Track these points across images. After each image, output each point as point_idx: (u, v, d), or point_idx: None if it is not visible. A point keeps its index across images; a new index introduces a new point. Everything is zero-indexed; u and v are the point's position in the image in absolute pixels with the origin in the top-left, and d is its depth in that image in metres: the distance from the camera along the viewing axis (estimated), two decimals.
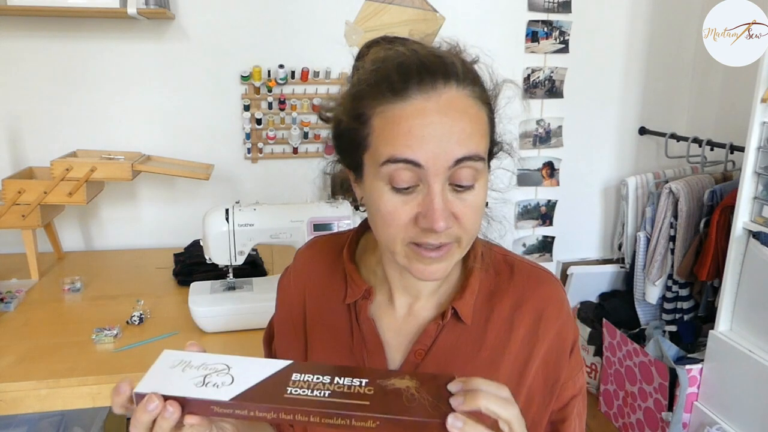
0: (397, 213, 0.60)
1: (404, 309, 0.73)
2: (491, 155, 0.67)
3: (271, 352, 0.85)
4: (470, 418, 0.51)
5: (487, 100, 0.63)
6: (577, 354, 0.73)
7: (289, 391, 0.52)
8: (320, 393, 0.52)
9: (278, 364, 0.55)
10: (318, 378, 0.53)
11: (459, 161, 0.58)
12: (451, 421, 0.51)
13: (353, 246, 0.77)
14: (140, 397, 0.53)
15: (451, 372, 0.58)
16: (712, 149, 2.12)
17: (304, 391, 0.52)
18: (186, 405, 0.52)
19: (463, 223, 0.60)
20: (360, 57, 0.71)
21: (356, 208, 0.75)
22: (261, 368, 0.54)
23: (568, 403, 0.71)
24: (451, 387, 0.54)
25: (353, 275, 0.73)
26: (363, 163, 0.63)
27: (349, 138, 0.64)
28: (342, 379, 0.53)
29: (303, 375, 0.54)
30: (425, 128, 0.57)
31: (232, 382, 0.52)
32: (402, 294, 0.73)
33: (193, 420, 0.53)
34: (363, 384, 0.53)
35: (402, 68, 0.59)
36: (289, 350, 0.79)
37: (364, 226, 0.78)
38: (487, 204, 0.72)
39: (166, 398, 0.52)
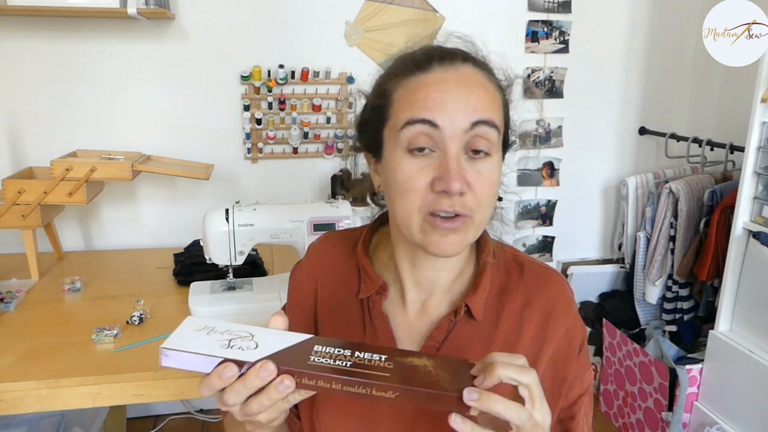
0: (414, 178, 0.62)
1: (417, 305, 0.74)
2: (506, 144, 0.71)
3: None
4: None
5: (501, 86, 0.68)
6: (584, 353, 0.74)
7: (311, 359, 0.54)
8: (342, 363, 0.53)
9: (300, 337, 0.57)
10: (339, 351, 0.55)
11: (475, 124, 0.61)
12: (467, 394, 0.52)
13: (367, 241, 0.78)
14: (170, 353, 0.53)
15: (465, 357, 0.60)
16: (712, 149, 2.12)
17: (326, 360, 0.54)
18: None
19: (477, 193, 0.62)
20: None
21: (373, 201, 0.78)
22: (283, 338, 0.57)
23: (576, 401, 0.72)
24: (474, 371, 0.55)
25: (368, 270, 0.74)
26: (383, 140, 0.67)
27: (372, 117, 0.68)
28: (362, 353, 0.55)
29: (324, 347, 0.56)
30: (444, 93, 0.61)
31: (256, 347, 0.54)
32: (414, 290, 0.73)
33: (291, 383, 0.52)
34: (383, 359, 0.55)
35: (426, 49, 0.66)
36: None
37: (378, 223, 0.80)
38: (500, 198, 0.73)
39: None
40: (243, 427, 0.64)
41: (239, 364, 0.52)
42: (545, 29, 2.20)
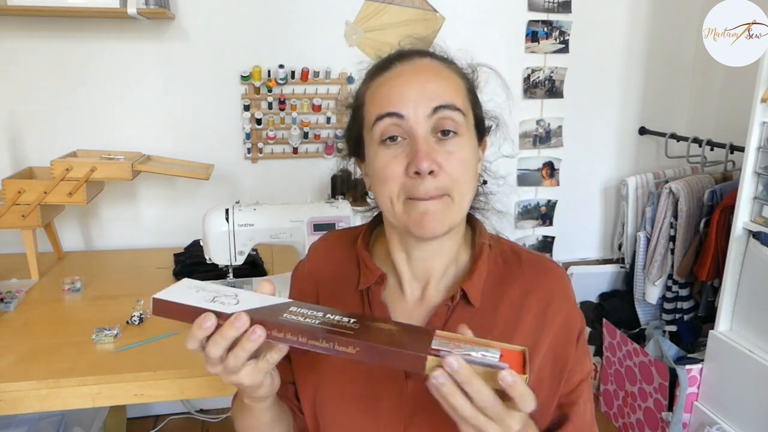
0: (390, 166, 0.67)
1: (415, 295, 0.76)
2: (482, 129, 0.75)
3: None
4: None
5: (463, 74, 0.73)
6: (583, 341, 0.76)
7: (284, 316, 0.58)
8: (311, 321, 0.58)
9: (280, 299, 0.63)
10: (312, 312, 0.60)
11: (436, 109, 0.66)
12: (454, 361, 0.52)
13: (367, 236, 0.81)
14: (159, 302, 0.60)
15: (432, 327, 0.65)
16: (712, 149, 2.12)
17: (297, 318, 0.58)
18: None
19: (449, 172, 0.66)
20: None
21: (365, 199, 0.81)
22: (264, 299, 0.62)
23: (577, 387, 0.74)
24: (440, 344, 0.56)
25: (367, 262, 0.77)
26: (363, 140, 0.72)
27: (352, 122, 0.75)
28: (333, 316, 0.60)
29: (300, 308, 0.61)
30: (403, 86, 0.67)
31: (237, 303, 0.60)
32: (411, 280, 0.76)
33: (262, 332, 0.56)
34: (351, 321, 0.59)
35: (390, 53, 0.73)
36: None
37: (376, 221, 0.83)
38: (485, 182, 0.78)
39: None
40: (249, 411, 0.71)
41: (218, 315, 0.57)
42: (545, 29, 2.20)
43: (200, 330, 0.56)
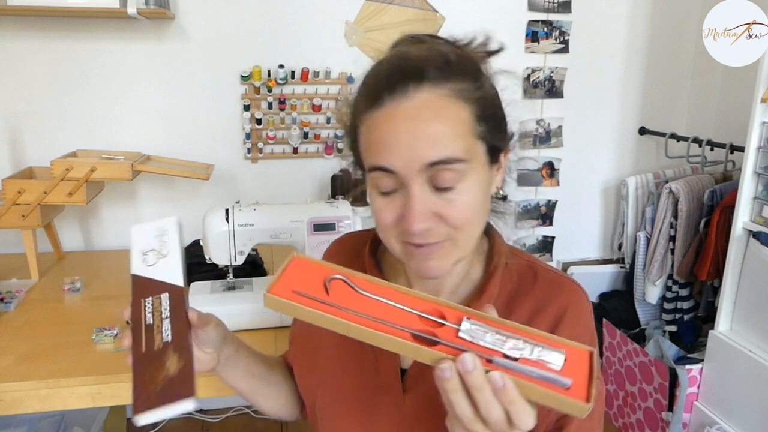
0: (383, 214, 0.63)
1: None
2: (498, 151, 0.66)
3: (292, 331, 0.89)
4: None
5: (471, 95, 0.61)
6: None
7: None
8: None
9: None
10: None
11: (432, 165, 0.58)
12: (464, 362, 0.49)
13: (375, 242, 0.79)
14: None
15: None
16: (712, 149, 2.12)
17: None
18: None
19: (451, 222, 0.61)
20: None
21: (365, 199, 0.79)
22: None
23: (566, 415, 0.69)
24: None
25: (372, 270, 0.75)
26: (362, 162, 0.67)
27: (350, 144, 0.68)
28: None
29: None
30: (395, 135, 0.58)
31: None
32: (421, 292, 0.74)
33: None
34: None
35: (378, 77, 0.62)
36: (301, 334, 0.83)
37: None
38: (505, 198, 0.72)
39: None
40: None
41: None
42: (545, 29, 2.20)
43: None
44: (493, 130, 0.64)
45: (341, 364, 0.76)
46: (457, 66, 0.61)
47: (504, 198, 0.72)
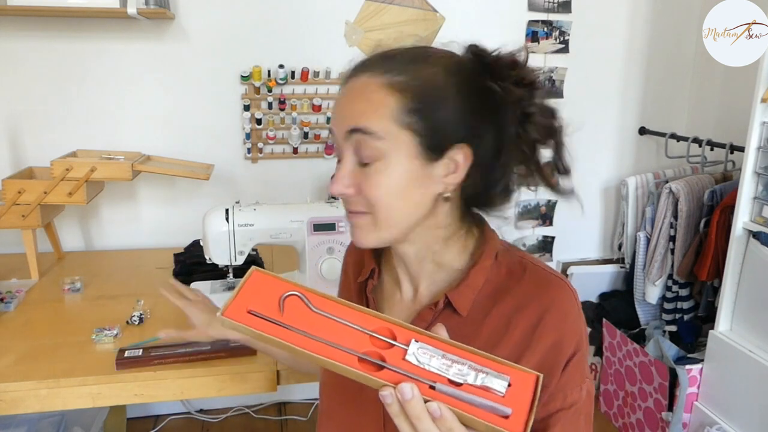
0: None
1: (409, 294, 0.77)
2: (443, 146, 0.66)
3: None
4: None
5: (406, 88, 0.65)
6: (575, 367, 0.69)
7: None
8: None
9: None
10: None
11: (349, 132, 0.66)
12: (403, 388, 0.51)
13: None
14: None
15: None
16: (712, 149, 2.12)
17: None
18: None
19: (366, 195, 0.66)
20: None
21: None
22: None
23: (552, 415, 0.68)
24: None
25: (366, 256, 0.81)
26: None
27: None
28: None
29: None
30: (336, 106, 0.70)
31: None
32: (404, 279, 0.77)
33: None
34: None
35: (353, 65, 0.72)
36: None
37: None
38: (447, 199, 0.71)
39: None
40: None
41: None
42: (545, 29, 2.20)
43: None
44: (432, 127, 0.65)
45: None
46: (399, 62, 0.67)
47: (479, 204, 0.74)
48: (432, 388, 0.53)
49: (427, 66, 0.67)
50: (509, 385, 0.53)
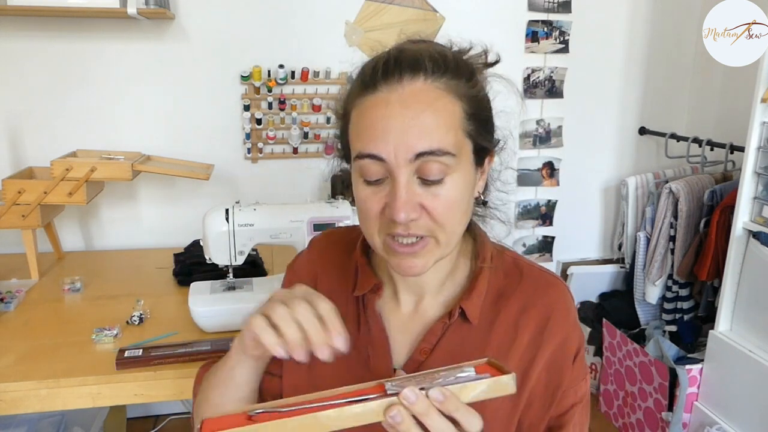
0: (369, 203, 0.62)
1: (410, 306, 0.74)
2: (484, 153, 0.66)
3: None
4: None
5: (464, 93, 0.62)
6: (580, 362, 0.72)
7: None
8: None
9: None
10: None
11: (420, 155, 0.58)
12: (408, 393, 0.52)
13: (365, 241, 0.78)
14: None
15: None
16: (712, 149, 2.12)
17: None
18: None
19: (435, 216, 0.61)
20: None
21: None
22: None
23: (568, 411, 0.71)
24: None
25: (364, 269, 0.75)
26: (351, 154, 0.66)
27: (340, 134, 0.69)
28: None
29: None
30: (386, 120, 0.58)
31: None
32: (406, 291, 0.74)
33: None
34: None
35: (376, 65, 0.62)
36: None
37: None
38: (485, 203, 0.72)
39: None
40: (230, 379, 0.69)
41: None
42: (545, 29, 2.20)
43: None
44: (482, 131, 0.64)
45: (334, 361, 0.75)
46: (452, 63, 0.62)
47: (484, 203, 0.73)
48: (423, 389, 0.54)
49: (467, 67, 0.64)
50: (474, 370, 0.56)
